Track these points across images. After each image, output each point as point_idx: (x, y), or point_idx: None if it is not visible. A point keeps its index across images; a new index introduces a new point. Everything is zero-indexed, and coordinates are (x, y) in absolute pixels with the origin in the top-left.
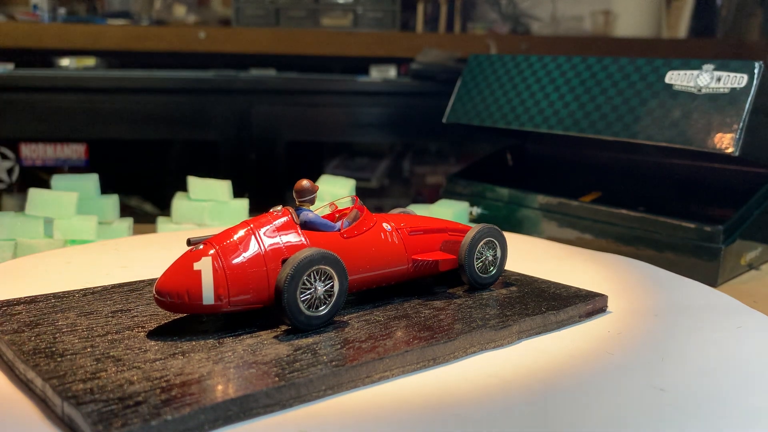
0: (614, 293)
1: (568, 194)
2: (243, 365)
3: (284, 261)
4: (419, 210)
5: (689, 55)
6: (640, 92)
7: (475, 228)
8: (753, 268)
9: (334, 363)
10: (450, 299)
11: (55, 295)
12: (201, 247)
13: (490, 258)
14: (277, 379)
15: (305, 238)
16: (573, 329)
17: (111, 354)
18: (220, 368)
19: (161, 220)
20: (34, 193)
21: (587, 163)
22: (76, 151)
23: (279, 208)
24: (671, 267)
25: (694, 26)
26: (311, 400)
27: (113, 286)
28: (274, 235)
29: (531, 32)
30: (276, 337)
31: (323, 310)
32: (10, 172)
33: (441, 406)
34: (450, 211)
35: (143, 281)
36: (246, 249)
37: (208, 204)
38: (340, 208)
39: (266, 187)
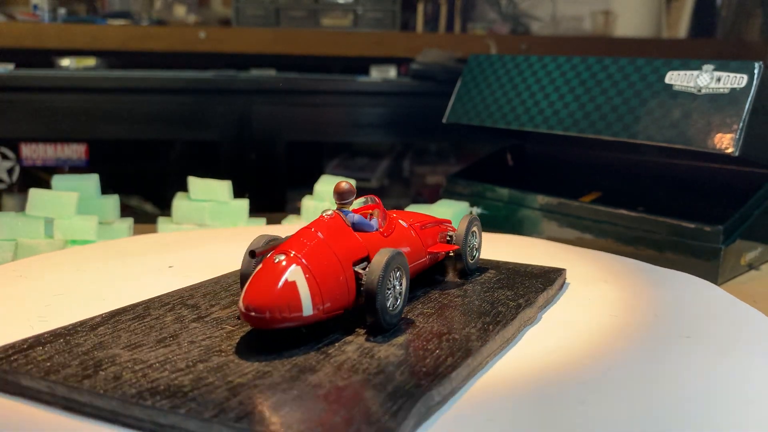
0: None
1: (568, 194)
2: (384, 370)
3: (355, 263)
4: (420, 210)
5: (689, 55)
6: (640, 92)
7: (465, 218)
8: (753, 268)
9: (458, 354)
10: (457, 287)
11: (55, 334)
12: (283, 257)
13: (475, 245)
14: (431, 376)
15: (361, 240)
16: (562, 299)
17: (236, 381)
18: (369, 376)
19: (161, 220)
20: (35, 193)
21: (587, 163)
22: (76, 151)
23: (330, 211)
24: (671, 267)
25: (694, 26)
26: (458, 392)
27: (111, 315)
28: (338, 238)
29: (531, 32)
30: (367, 340)
31: (399, 307)
32: (10, 172)
33: (558, 373)
34: (450, 210)
35: (137, 305)
36: (323, 255)
37: (209, 204)
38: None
39: (266, 187)
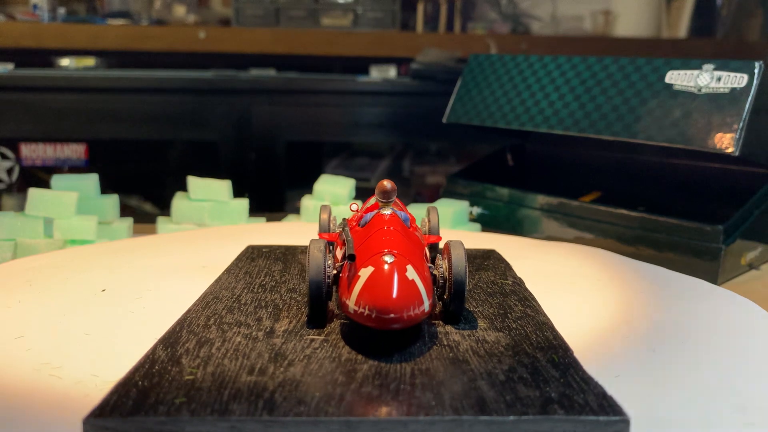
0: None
1: (568, 194)
2: (514, 350)
3: (425, 256)
4: (419, 210)
5: (689, 55)
6: (640, 92)
7: (433, 210)
8: (753, 268)
9: (545, 328)
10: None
11: (145, 374)
12: (391, 259)
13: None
14: (558, 349)
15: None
16: (525, 275)
17: (417, 382)
18: (511, 356)
19: (161, 220)
20: (34, 193)
21: (587, 163)
22: (76, 151)
23: (389, 211)
24: (671, 267)
25: (694, 26)
26: None
27: (169, 345)
28: (408, 236)
29: (531, 32)
30: (456, 328)
31: None
32: (10, 172)
33: (617, 329)
34: (450, 210)
35: (175, 330)
36: (414, 253)
37: (208, 204)
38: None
39: (266, 187)
